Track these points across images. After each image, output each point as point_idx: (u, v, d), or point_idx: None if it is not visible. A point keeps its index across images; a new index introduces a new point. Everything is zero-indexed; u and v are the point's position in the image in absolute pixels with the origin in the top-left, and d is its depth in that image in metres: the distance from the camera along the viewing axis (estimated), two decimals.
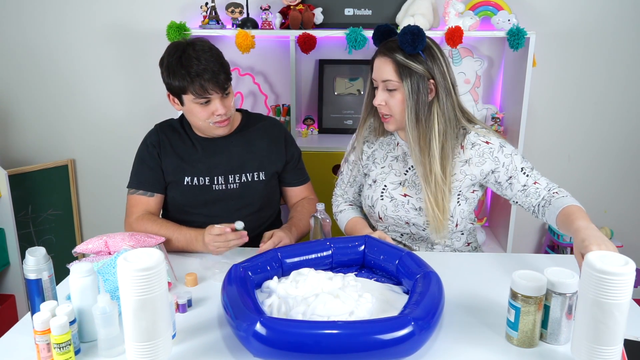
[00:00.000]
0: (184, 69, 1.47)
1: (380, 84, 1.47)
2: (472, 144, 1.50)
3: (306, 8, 2.27)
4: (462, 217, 1.54)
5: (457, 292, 1.26)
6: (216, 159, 1.64)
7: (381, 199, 1.57)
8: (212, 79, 1.47)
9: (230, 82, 1.54)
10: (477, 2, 2.33)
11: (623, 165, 2.60)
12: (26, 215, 2.57)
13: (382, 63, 1.46)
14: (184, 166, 1.62)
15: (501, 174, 1.48)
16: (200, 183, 1.62)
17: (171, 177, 1.63)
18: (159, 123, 1.71)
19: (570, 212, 1.31)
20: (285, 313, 1.10)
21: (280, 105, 2.47)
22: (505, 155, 1.48)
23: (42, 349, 0.99)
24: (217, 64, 1.49)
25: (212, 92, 1.49)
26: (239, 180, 1.64)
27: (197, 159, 1.63)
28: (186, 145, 1.65)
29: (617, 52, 2.46)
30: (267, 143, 1.68)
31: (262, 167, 1.66)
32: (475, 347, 1.06)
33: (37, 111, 2.67)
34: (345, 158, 1.72)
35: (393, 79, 1.44)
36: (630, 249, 2.59)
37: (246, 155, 1.65)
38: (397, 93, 1.45)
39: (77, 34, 2.56)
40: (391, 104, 1.47)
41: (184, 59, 1.48)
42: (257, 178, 1.65)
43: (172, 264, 1.40)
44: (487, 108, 2.50)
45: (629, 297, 0.92)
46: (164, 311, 0.96)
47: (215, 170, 1.63)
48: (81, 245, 1.34)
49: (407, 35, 1.40)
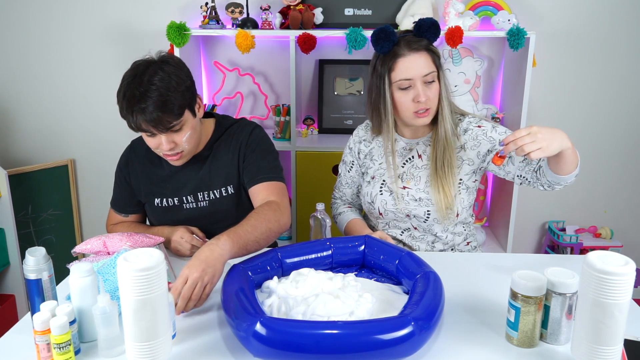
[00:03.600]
0: (126, 102, 1.37)
1: (419, 80, 1.46)
2: (465, 129, 1.54)
3: (306, 8, 2.27)
4: (462, 207, 1.55)
5: (457, 292, 1.26)
6: (183, 178, 1.57)
7: (380, 194, 1.59)
8: (151, 121, 1.35)
9: (179, 118, 1.38)
10: (477, 2, 2.33)
11: (623, 165, 2.60)
12: (26, 215, 2.57)
13: (416, 58, 1.45)
14: (152, 188, 1.58)
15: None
16: (170, 204, 1.57)
17: (143, 197, 1.61)
18: (134, 139, 1.63)
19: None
20: (285, 313, 1.10)
21: (280, 105, 2.47)
22: (500, 134, 1.51)
23: (42, 349, 0.99)
24: (161, 104, 1.34)
25: (154, 131, 1.38)
26: (207, 198, 1.57)
27: (165, 179, 1.58)
28: (154, 165, 1.58)
29: (617, 52, 2.46)
30: (231, 152, 1.56)
31: (229, 180, 1.56)
32: (475, 347, 1.06)
33: (37, 111, 2.67)
34: (343, 160, 1.73)
35: (433, 70, 1.47)
36: (630, 249, 2.60)
37: (213, 171, 1.56)
38: (435, 84, 1.48)
39: (77, 34, 2.56)
40: (431, 96, 1.48)
41: (130, 90, 1.36)
42: (225, 193, 1.57)
43: (172, 264, 1.40)
44: (487, 108, 2.49)
45: (629, 297, 0.92)
46: (164, 311, 0.96)
47: (183, 190, 1.57)
48: (80, 245, 1.34)
49: (432, 25, 1.45)
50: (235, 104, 2.56)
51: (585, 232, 2.60)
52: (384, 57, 1.49)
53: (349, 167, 1.70)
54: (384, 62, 1.48)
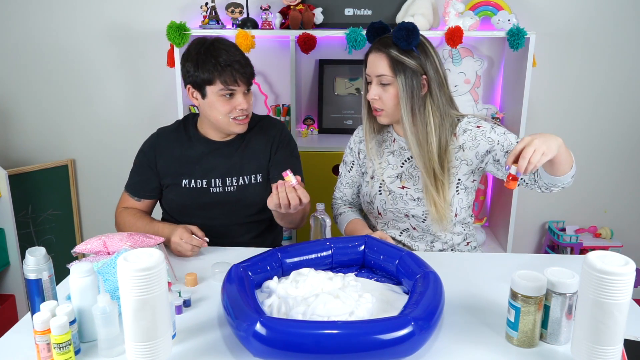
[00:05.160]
0: (214, 58, 1.50)
1: (374, 79, 1.50)
2: (464, 130, 1.53)
3: (306, 8, 2.27)
4: (460, 207, 1.55)
5: (457, 292, 1.26)
6: (214, 161, 1.63)
7: (379, 194, 1.59)
8: (240, 70, 1.51)
9: (254, 79, 1.58)
10: (477, 2, 2.33)
11: (623, 165, 2.60)
12: (26, 215, 2.57)
13: (376, 58, 1.49)
14: (181, 169, 1.63)
15: (498, 152, 1.49)
16: (198, 186, 1.62)
17: (169, 179, 1.64)
18: (160, 127, 1.71)
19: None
20: (285, 313, 1.10)
21: (280, 105, 2.47)
22: (499, 134, 1.50)
23: (42, 349, 0.99)
24: (245, 58, 1.54)
25: (240, 83, 1.52)
26: (236, 183, 1.63)
27: (195, 162, 1.63)
28: (184, 148, 1.65)
29: (617, 51, 2.46)
30: (264, 144, 1.67)
31: (259, 169, 1.65)
32: (475, 347, 1.06)
33: (37, 111, 2.67)
34: (343, 160, 1.73)
35: (387, 73, 1.47)
36: (630, 249, 2.59)
37: (244, 158, 1.65)
38: (391, 88, 1.48)
39: (77, 34, 2.56)
40: (384, 98, 1.50)
41: (213, 50, 1.51)
42: (254, 181, 1.64)
43: (172, 264, 1.40)
44: (487, 108, 2.50)
45: (629, 297, 0.92)
46: (164, 311, 0.96)
47: (212, 173, 1.62)
48: (80, 245, 1.34)
49: (402, 31, 1.44)
50: None
51: (585, 232, 2.60)
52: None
53: (349, 167, 1.71)
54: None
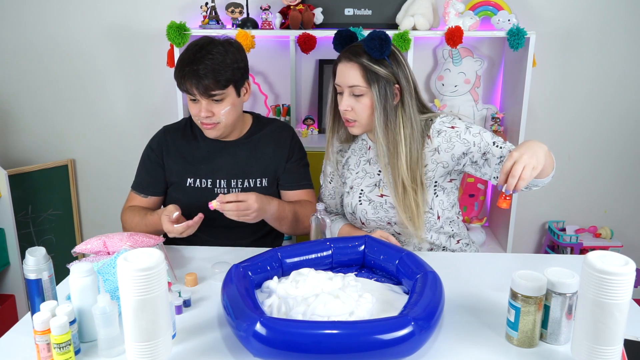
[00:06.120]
0: (181, 62, 1.49)
1: (346, 90, 1.45)
2: (438, 131, 1.50)
3: (306, 8, 2.27)
4: (442, 208, 1.53)
5: (457, 292, 1.26)
6: (220, 162, 1.63)
7: (360, 204, 1.57)
8: (195, 82, 1.47)
9: (223, 89, 1.50)
10: (477, 2, 2.33)
11: (623, 165, 2.60)
12: (26, 215, 2.57)
13: (348, 68, 1.44)
14: (187, 167, 1.63)
15: (475, 153, 1.47)
16: (202, 185, 1.62)
17: (174, 177, 1.64)
18: (166, 125, 1.71)
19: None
20: (285, 313, 1.10)
21: (280, 105, 2.47)
22: (474, 135, 1.47)
23: (42, 349, 0.99)
24: (211, 71, 1.46)
25: (195, 93, 1.49)
26: (241, 185, 1.63)
27: (201, 161, 1.63)
28: (191, 147, 1.65)
29: (617, 51, 2.46)
30: (273, 148, 1.66)
31: (266, 173, 1.65)
32: (475, 347, 1.06)
33: (37, 111, 2.67)
34: (323, 170, 1.71)
35: (360, 84, 1.43)
36: (630, 249, 2.59)
37: (251, 161, 1.64)
38: (364, 98, 1.44)
39: (77, 34, 2.56)
40: (358, 109, 1.46)
41: (191, 54, 1.48)
42: (259, 184, 1.64)
43: (172, 264, 1.40)
44: (487, 108, 2.50)
45: (629, 297, 0.92)
46: (164, 311, 0.96)
47: (217, 173, 1.63)
48: (80, 245, 1.34)
49: (375, 40, 1.39)
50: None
51: (585, 232, 2.60)
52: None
53: (329, 179, 1.68)
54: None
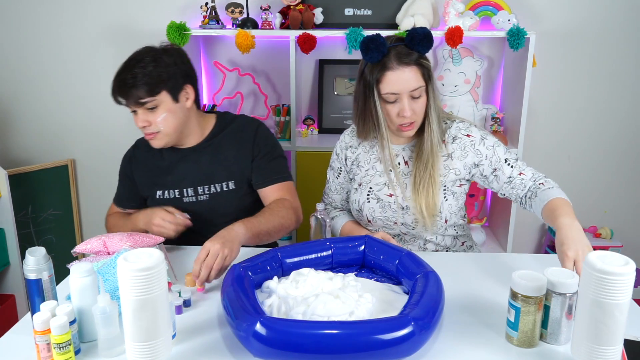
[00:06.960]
0: (117, 73, 1.49)
1: (406, 94, 1.42)
2: (454, 137, 1.51)
3: (306, 8, 2.27)
4: (450, 213, 1.53)
5: (457, 292, 1.26)
6: (184, 170, 1.61)
7: (368, 202, 1.57)
8: (125, 93, 1.47)
9: (154, 96, 1.47)
10: (477, 2, 2.33)
11: (623, 165, 2.59)
12: (26, 215, 2.57)
13: (405, 72, 1.40)
14: (153, 180, 1.63)
15: (485, 167, 1.48)
16: (171, 196, 1.61)
17: (145, 191, 1.65)
18: (138, 138, 1.71)
19: (554, 207, 1.31)
20: (285, 313, 1.10)
21: (280, 105, 2.47)
22: (487, 148, 1.48)
23: (42, 349, 0.99)
24: (140, 79, 1.45)
25: (127, 104, 1.49)
26: (208, 192, 1.60)
27: (166, 172, 1.62)
28: (155, 159, 1.64)
29: (617, 51, 2.46)
30: (236, 149, 1.61)
31: (230, 175, 1.60)
32: (475, 347, 1.06)
33: (37, 111, 2.67)
34: (330, 165, 1.71)
35: (421, 84, 1.42)
36: (630, 249, 2.59)
37: (214, 165, 1.60)
38: (421, 98, 1.44)
39: (78, 34, 2.56)
40: (417, 110, 1.44)
41: (121, 66, 1.49)
42: (226, 188, 1.60)
43: (172, 264, 1.40)
44: (487, 108, 2.49)
45: (629, 297, 0.92)
46: (164, 311, 0.96)
47: (183, 182, 1.60)
48: (80, 245, 1.34)
49: (425, 37, 1.39)
50: (236, 104, 2.56)
51: (585, 232, 2.59)
52: (372, 66, 1.42)
53: (337, 174, 1.67)
54: (372, 71, 1.42)
